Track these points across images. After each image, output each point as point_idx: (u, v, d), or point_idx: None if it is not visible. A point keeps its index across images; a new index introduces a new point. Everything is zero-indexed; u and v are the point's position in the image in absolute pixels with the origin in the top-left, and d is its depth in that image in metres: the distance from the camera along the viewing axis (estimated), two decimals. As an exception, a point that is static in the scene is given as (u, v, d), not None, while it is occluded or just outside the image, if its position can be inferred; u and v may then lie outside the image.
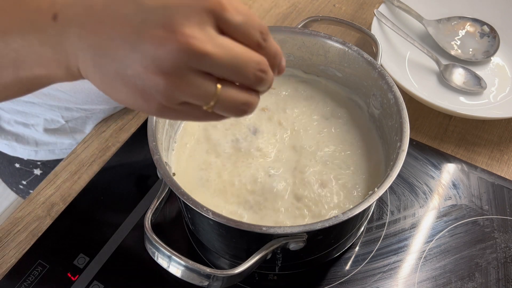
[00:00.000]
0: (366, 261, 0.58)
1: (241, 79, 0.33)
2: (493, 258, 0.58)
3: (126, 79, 0.32)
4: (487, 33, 0.80)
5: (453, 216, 0.62)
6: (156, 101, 0.32)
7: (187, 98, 0.32)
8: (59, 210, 0.62)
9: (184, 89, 0.32)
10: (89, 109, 0.70)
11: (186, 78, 0.31)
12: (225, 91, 0.33)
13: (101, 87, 0.34)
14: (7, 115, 0.74)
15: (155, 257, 0.44)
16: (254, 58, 0.33)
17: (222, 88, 0.33)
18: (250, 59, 0.33)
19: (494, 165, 0.67)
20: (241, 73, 0.33)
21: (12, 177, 0.83)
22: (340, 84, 0.63)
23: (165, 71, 0.31)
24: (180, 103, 0.33)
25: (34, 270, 0.57)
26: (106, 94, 0.35)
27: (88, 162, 0.67)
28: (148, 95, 0.32)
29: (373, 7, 0.86)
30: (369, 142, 0.58)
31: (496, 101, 0.73)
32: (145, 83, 0.31)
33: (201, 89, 0.32)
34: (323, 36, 0.60)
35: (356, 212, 0.44)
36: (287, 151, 0.57)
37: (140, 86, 0.32)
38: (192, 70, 0.31)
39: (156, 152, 0.48)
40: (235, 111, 0.34)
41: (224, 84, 0.33)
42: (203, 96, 0.32)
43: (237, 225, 0.44)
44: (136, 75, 0.31)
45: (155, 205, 0.47)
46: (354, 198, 0.54)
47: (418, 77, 0.75)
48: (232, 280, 0.43)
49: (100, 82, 0.34)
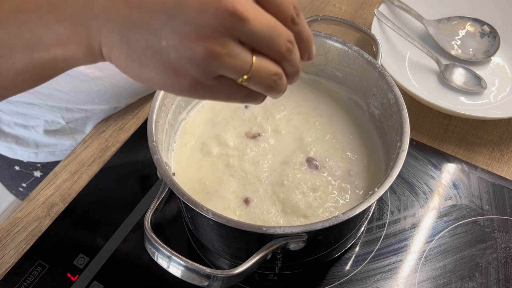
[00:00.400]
0: (366, 261, 0.58)
1: (274, 49, 0.32)
2: (494, 258, 0.58)
3: (158, 52, 0.31)
4: (487, 33, 0.79)
5: (453, 216, 0.62)
6: (190, 76, 0.31)
7: (224, 69, 0.31)
8: (59, 210, 0.62)
9: (225, 58, 0.31)
10: (90, 110, 0.70)
11: (227, 46, 0.30)
12: (260, 61, 0.32)
13: (126, 66, 0.32)
14: (7, 117, 0.74)
15: (155, 257, 0.44)
16: (286, 31, 0.33)
17: (256, 58, 0.32)
18: (284, 30, 0.32)
19: (494, 165, 0.67)
20: (275, 44, 0.32)
21: (12, 179, 0.83)
22: (340, 84, 0.63)
23: (207, 37, 0.30)
24: (214, 77, 0.32)
25: (34, 270, 0.57)
26: (130, 74, 0.33)
27: (88, 162, 0.67)
28: (182, 69, 0.31)
29: (373, 7, 0.86)
30: (369, 142, 0.58)
31: (496, 101, 0.73)
32: (181, 54, 0.30)
33: (239, 58, 0.31)
34: (323, 36, 0.59)
35: (356, 212, 0.44)
36: (286, 151, 0.57)
37: (175, 59, 0.30)
38: (233, 37, 0.31)
39: (156, 152, 0.48)
40: (267, 83, 0.33)
41: (258, 55, 0.32)
42: (240, 66, 0.32)
43: (237, 225, 0.43)
44: (171, 46, 0.30)
45: (155, 205, 0.47)
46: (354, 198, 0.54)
47: (418, 77, 0.75)
48: (232, 280, 0.43)
49: (125, 59, 0.32)
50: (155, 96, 0.53)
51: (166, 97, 0.54)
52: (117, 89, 0.67)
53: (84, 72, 0.64)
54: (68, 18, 0.32)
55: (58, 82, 0.65)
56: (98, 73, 0.65)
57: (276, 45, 0.32)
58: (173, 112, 0.56)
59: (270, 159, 0.57)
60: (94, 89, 0.66)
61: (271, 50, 0.33)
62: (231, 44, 0.31)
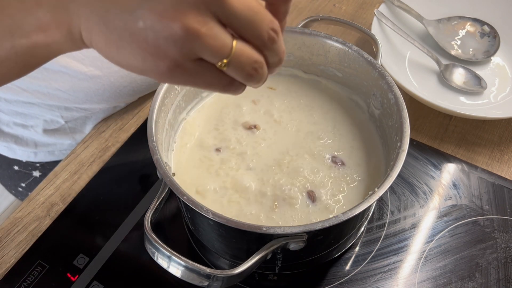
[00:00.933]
0: (366, 261, 0.58)
1: (255, 35, 0.32)
2: (494, 258, 0.58)
3: (136, 34, 0.30)
4: (488, 33, 0.79)
5: (453, 216, 0.62)
6: (168, 58, 0.31)
7: (203, 50, 0.31)
8: (58, 210, 0.62)
9: (204, 37, 0.30)
10: (89, 109, 0.70)
11: (207, 24, 0.30)
12: (240, 46, 0.32)
13: (105, 49, 0.32)
14: (6, 117, 0.74)
15: (155, 257, 0.44)
16: (269, 16, 0.32)
17: (237, 43, 0.32)
18: (266, 16, 0.32)
19: (494, 165, 0.67)
20: (256, 28, 0.31)
21: (11, 179, 0.83)
22: (340, 84, 0.63)
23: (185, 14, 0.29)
24: (194, 59, 0.31)
25: (33, 270, 0.57)
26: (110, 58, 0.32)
27: (88, 162, 0.67)
28: (160, 50, 0.30)
29: (373, 7, 0.86)
30: (369, 142, 0.58)
31: (496, 101, 0.73)
32: (159, 34, 0.29)
33: (219, 39, 0.30)
34: (323, 36, 0.59)
35: (356, 212, 0.44)
36: (286, 151, 0.57)
37: (152, 40, 0.30)
38: (212, 15, 0.30)
39: (156, 152, 0.48)
40: (247, 71, 0.33)
41: (239, 40, 0.32)
42: (220, 47, 0.31)
43: (237, 225, 0.43)
44: (149, 27, 0.29)
45: (155, 205, 0.47)
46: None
47: (418, 77, 0.75)
48: (232, 280, 0.43)
49: (104, 42, 0.31)
50: (155, 96, 0.53)
51: (166, 97, 0.54)
52: (116, 87, 0.67)
53: (82, 71, 0.64)
54: (48, 2, 0.31)
55: (57, 81, 0.65)
56: (97, 72, 0.65)
57: (257, 30, 0.32)
58: (173, 112, 0.56)
59: (270, 159, 0.56)
60: (92, 88, 0.66)
61: (252, 35, 0.32)
62: (211, 22, 0.30)
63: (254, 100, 0.62)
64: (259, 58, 0.33)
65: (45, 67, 0.63)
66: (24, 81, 0.65)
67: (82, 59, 0.64)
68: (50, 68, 0.64)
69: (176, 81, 0.33)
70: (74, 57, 0.63)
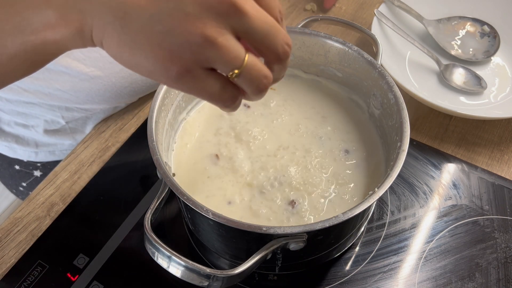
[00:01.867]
0: (366, 261, 0.58)
1: (271, 48, 0.33)
2: (494, 258, 0.58)
3: (152, 37, 0.31)
4: (488, 33, 0.79)
5: (453, 216, 0.62)
6: (181, 62, 0.31)
7: (217, 60, 0.32)
8: (59, 210, 0.62)
9: (220, 46, 0.31)
10: (90, 109, 0.70)
11: (224, 35, 0.31)
12: (253, 59, 0.33)
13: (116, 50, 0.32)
14: (7, 116, 0.74)
15: (155, 257, 0.44)
16: (284, 32, 0.33)
17: (249, 56, 0.33)
18: (282, 31, 0.33)
19: (494, 165, 0.67)
20: (272, 41, 0.33)
21: (12, 179, 0.83)
22: (340, 84, 0.63)
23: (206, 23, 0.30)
24: (205, 67, 0.32)
25: (33, 270, 0.57)
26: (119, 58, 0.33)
27: (88, 162, 0.67)
28: (175, 55, 0.31)
29: (373, 7, 0.86)
30: (369, 142, 0.58)
31: (496, 101, 0.73)
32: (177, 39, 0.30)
33: (234, 50, 0.32)
34: (323, 36, 0.59)
35: (356, 212, 0.44)
36: (285, 151, 0.57)
37: (168, 44, 0.31)
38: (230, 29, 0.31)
39: (156, 152, 0.48)
40: (256, 83, 0.34)
41: (250, 54, 0.33)
42: (233, 58, 0.32)
43: (237, 225, 0.43)
44: (167, 31, 0.30)
45: (155, 205, 0.47)
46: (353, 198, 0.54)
47: (418, 77, 0.75)
48: (232, 280, 0.43)
49: (117, 42, 0.32)
50: (155, 96, 0.53)
51: (166, 97, 0.54)
52: (117, 88, 0.67)
53: (83, 71, 0.64)
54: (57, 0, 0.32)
55: (58, 81, 0.65)
56: (98, 72, 0.65)
57: (273, 43, 0.33)
58: (173, 112, 0.56)
59: (270, 159, 0.56)
60: (93, 88, 0.66)
61: (268, 48, 0.33)
62: (227, 34, 0.31)
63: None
64: (268, 72, 0.34)
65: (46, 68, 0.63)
66: (25, 82, 0.65)
67: (83, 60, 0.64)
68: (51, 68, 0.64)
69: (181, 86, 0.33)
70: (75, 57, 0.63)
